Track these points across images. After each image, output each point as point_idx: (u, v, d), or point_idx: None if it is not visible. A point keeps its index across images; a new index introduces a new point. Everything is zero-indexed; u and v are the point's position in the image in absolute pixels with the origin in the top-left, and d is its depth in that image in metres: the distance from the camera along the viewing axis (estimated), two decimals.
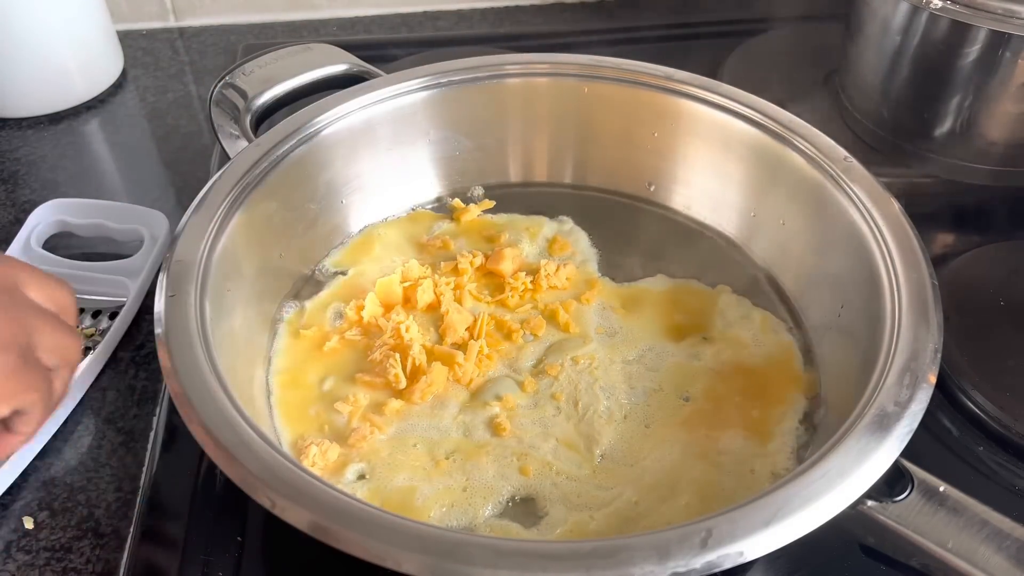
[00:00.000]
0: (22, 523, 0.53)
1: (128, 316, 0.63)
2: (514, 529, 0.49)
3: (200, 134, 0.85)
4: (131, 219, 0.68)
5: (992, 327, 0.61)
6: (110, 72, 0.90)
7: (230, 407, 0.43)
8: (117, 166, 0.82)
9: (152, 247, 0.66)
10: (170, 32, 1.00)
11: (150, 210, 0.68)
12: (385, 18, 1.02)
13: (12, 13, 0.78)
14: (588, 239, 0.67)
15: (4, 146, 0.83)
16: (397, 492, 0.50)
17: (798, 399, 0.55)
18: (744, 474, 0.51)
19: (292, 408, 0.54)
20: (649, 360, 0.58)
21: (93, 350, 0.60)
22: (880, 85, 0.72)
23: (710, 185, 0.67)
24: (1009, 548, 0.40)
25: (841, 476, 0.40)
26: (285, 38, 0.99)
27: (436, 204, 0.70)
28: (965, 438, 0.56)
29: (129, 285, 0.63)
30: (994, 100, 0.66)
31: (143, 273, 0.64)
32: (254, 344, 0.56)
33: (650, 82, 0.66)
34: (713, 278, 0.64)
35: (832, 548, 0.49)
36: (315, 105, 0.63)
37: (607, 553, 0.37)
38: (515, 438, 0.53)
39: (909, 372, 0.44)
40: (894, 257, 0.51)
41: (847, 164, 0.57)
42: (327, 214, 0.65)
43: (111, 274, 0.64)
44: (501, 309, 0.62)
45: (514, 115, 0.70)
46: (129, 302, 0.63)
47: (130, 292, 0.63)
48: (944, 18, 0.64)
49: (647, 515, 0.49)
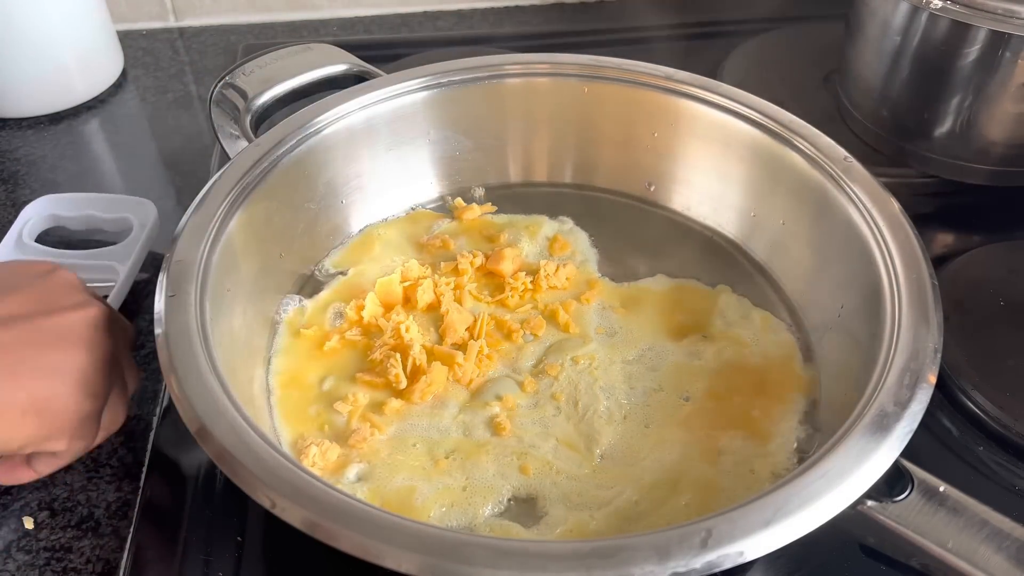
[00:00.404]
0: (22, 523, 0.53)
1: (118, 297, 0.64)
2: (514, 529, 0.49)
3: (200, 134, 0.85)
4: (120, 209, 0.69)
5: (992, 327, 0.61)
6: (110, 72, 0.90)
7: (230, 407, 0.43)
8: (117, 166, 0.82)
9: (140, 233, 0.67)
10: (170, 32, 1.00)
11: (138, 199, 0.70)
12: (385, 18, 1.02)
13: (12, 13, 0.78)
14: (588, 239, 0.67)
15: (4, 146, 0.83)
16: (397, 492, 0.50)
17: (798, 399, 0.55)
18: (744, 474, 0.51)
19: (292, 408, 0.54)
20: (649, 360, 0.58)
21: None
22: (880, 85, 0.72)
23: (710, 185, 0.67)
24: (1009, 548, 0.40)
25: (841, 476, 0.40)
26: (285, 38, 0.99)
27: (436, 204, 0.70)
28: (965, 438, 0.56)
29: (118, 269, 0.65)
30: (994, 100, 0.65)
31: (131, 258, 0.65)
32: (254, 344, 0.56)
33: (650, 82, 0.66)
34: (713, 278, 0.64)
35: (832, 548, 0.49)
36: (315, 105, 0.63)
37: (607, 553, 0.37)
38: (515, 438, 0.53)
39: (909, 372, 0.44)
40: (894, 257, 0.51)
41: (847, 164, 0.57)
42: (327, 214, 0.65)
43: (100, 260, 0.65)
44: (501, 309, 0.62)
45: (514, 115, 0.70)
46: (118, 284, 0.64)
47: (119, 276, 0.64)
48: (944, 18, 0.63)
49: (647, 515, 0.49)
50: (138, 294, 0.67)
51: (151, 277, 0.68)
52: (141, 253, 0.66)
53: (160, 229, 0.68)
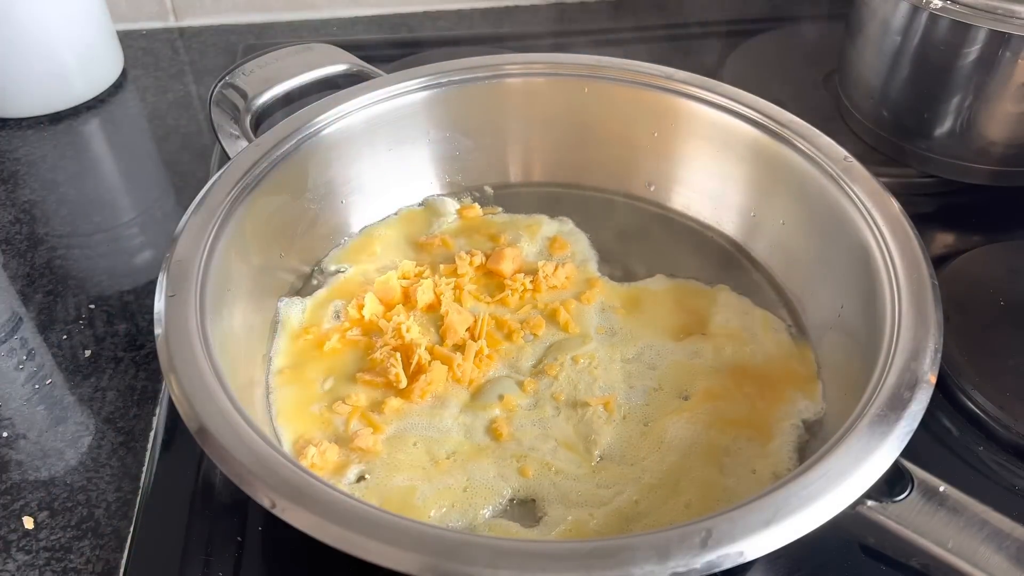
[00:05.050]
0: (22, 523, 0.53)
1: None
2: (514, 529, 0.49)
3: (200, 134, 0.85)
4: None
5: (992, 327, 0.61)
6: (110, 72, 0.90)
7: (230, 407, 0.43)
8: (117, 166, 0.82)
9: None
10: (170, 32, 1.00)
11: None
12: (385, 18, 1.02)
13: (12, 13, 0.78)
14: (588, 239, 0.67)
15: (4, 146, 0.83)
16: (397, 492, 0.50)
17: (798, 399, 0.55)
18: (746, 474, 0.50)
19: (292, 408, 0.54)
20: (649, 359, 0.58)
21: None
22: (880, 85, 0.72)
23: (710, 185, 0.67)
24: (1009, 548, 0.40)
25: (841, 476, 0.40)
26: (285, 38, 0.99)
27: (436, 204, 0.70)
28: (965, 438, 0.56)
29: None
30: (994, 100, 0.65)
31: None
32: (254, 344, 0.56)
33: (650, 82, 0.66)
34: (713, 278, 0.64)
35: (832, 548, 0.49)
36: (315, 105, 0.63)
37: (607, 553, 0.37)
38: (515, 439, 0.53)
39: (909, 372, 0.44)
40: (894, 257, 0.51)
41: (847, 164, 0.57)
42: (327, 214, 0.65)
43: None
44: (501, 309, 0.62)
45: (514, 115, 0.70)
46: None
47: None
48: (944, 18, 0.64)
49: (648, 514, 0.49)
50: (138, 294, 0.67)
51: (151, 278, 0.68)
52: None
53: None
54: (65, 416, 0.58)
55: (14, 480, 0.55)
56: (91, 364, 0.62)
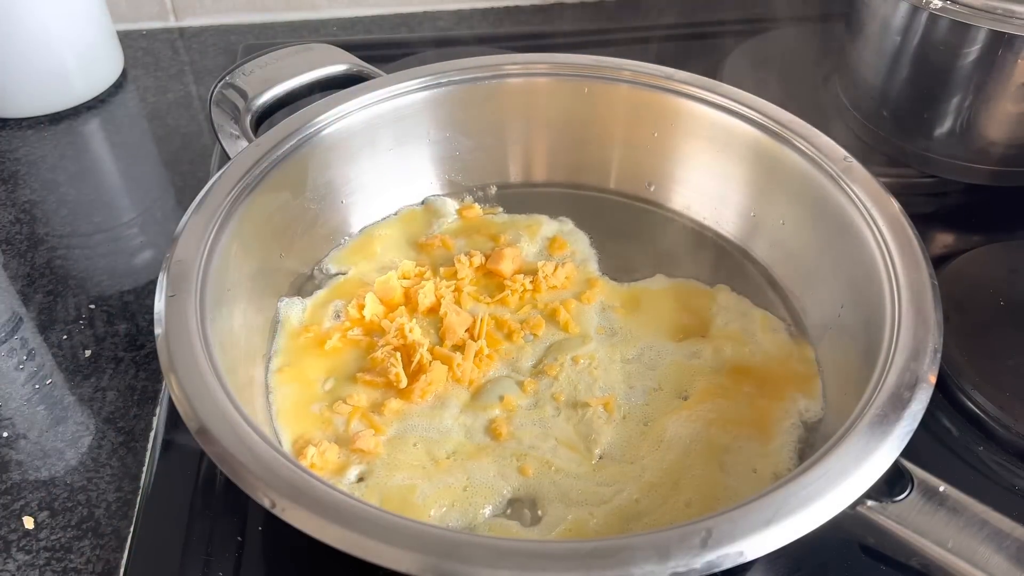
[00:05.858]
0: (22, 523, 0.53)
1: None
2: (514, 529, 0.49)
3: (200, 134, 0.85)
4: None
5: (992, 327, 0.61)
6: (110, 72, 0.90)
7: (230, 407, 0.43)
8: (117, 166, 0.82)
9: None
10: (170, 32, 1.00)
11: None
12: (385, 18, 1.02)
13: (12, 13, 0.78)
14: (588, 239, 0.67)
15: (4, 146, 0.83)
16: (397, 491, 0.50)
17: (798, 399, 0.55)
18: (746, 473, 0.51)
19: (292, 408, 0.54)
20: (648, 359, 0.58)
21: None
22: (880, 85, 0.72)
23: (710, 185, 0.67)
24: (1009, 548, 0.40)
25: (841, 476, 0.40)
26: (285, 38, 0.99)
27: (436, 204, 0.70)
28: (965, 438, 0.56)
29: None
30: (994, 100, 0.65)
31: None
32: (254, 343, 0.56)
33: (650, 82, 0.66)
34: (712, 278, 0.64)
35: (832, 548, 0.49)
36: (315, 105, 0.63)
37: (607, 553, 0.37)
38: (515, 438, 0.53)
39: (909, 372, 0.44)
40: (894, 257, 0.51)
41: (847, 164, 0.57)
42: (327, 214, 0.65)
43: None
44: (501, 309, 0.62)
45: (514, 115, 0.70)
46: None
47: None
48: (944, 18, 0.64)
49: (648, 513, 0.49)
50: (138, 294, 0.67)
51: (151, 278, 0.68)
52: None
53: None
54: (65, 416, 0.58)
55: (14, 480, 0.55)
56: (91, 364, 0.62)
